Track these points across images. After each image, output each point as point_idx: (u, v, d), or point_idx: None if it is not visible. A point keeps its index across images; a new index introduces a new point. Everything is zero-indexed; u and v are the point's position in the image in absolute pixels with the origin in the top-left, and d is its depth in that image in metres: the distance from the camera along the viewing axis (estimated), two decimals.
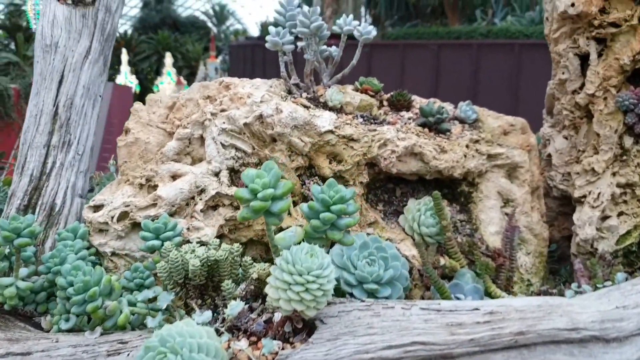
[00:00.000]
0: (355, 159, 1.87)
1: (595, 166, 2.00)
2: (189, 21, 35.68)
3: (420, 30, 18.01)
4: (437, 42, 16.29)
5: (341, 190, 1.33)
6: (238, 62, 23.31)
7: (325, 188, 1.34)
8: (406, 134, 1.94)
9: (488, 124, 2.11)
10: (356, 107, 2.02)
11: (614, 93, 1.98)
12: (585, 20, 1.98)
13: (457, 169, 1.96)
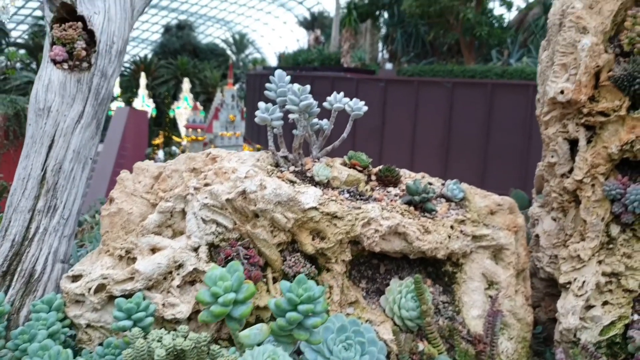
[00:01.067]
0: (339, 237, 1.87)
1: (581, 253, 1.98)
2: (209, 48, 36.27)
3: (435, 68, 18.14)
4: (451, 80, 16.38)
5: (310, 289, 1.32)
6: (254, 90, 23.58)
7: (294, 286, 1.34)
8: (391, 212, 1.93)
9: (475, 202, 2.10)
10: (343, 182, 2.02)
11: (601, 181, 1.97)
12: (575, 107, 1.98)
13: (440, 250, 1.95)
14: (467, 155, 15.44)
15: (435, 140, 16.07)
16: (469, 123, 15.38)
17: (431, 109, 16.25)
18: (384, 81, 17.47)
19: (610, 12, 2.00)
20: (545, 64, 2.13)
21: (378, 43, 22.60)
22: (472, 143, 15.19)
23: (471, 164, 15.20)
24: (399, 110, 16.84)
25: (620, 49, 2.00)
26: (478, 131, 14.94)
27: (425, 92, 16.48)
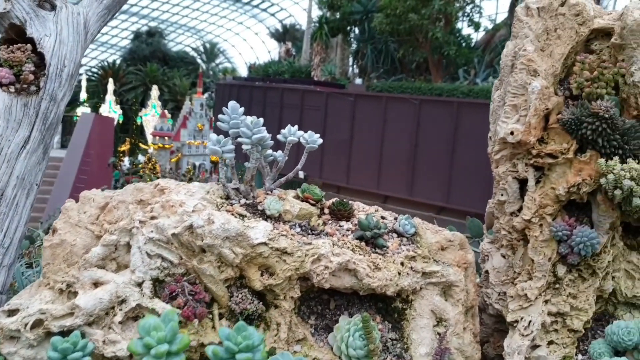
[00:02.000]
0: (288, 274, 1.85)
1: (528, 292, 2.01)
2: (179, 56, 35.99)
3: (404, 85, 18.34)
4: (419, 97, 16.57)
5: (250, 336, 1.30)
6: (224, 100, 23.48)
7: (232, 333, 1.32)
8: (342, 248, 1.93)
9: (426, 238, 2.11)
10: (295, 216, 2.01)
11: (549, 221, 2.00)
12: (524, 148, 2.01)
13: (390, 287, 1.95)
14: (433, 171, 15.61)
15: (402, 155, 16.21)
16: (435, 140, 15.57)
17: (399, 125, 16.41)
18: (353, 96, 17.59)
19: (561, 56, 2.04)
20: (497, 103, 2.16)
21: (348, 58, 22.78)
22: (438, 159, 15.37)
23: (437, 179, 15.36)
24: (368, 125, 16.97)
25: (569, 92, 2.04)
26: (444, 148, 15.13)
27: (394, 108, 16.63)
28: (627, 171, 1.85)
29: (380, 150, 16.96)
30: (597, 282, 2.01)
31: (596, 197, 1.98)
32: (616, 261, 2.06)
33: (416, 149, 16.22)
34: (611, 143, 1.92)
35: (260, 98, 20.05)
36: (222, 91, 24.24)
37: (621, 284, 2.05)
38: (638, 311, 2.06)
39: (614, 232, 2.03)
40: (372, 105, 17.34)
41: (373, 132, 16.95)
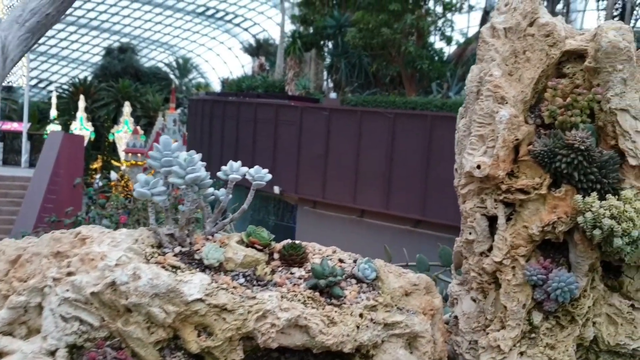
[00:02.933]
0: (228, 334, 1.62)
1: (502, 343, 1.80)
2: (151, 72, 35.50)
3: (378, 99, 18.27)
4: (393, 111, 16.50)
5: None
6: (197, 116, 23.17)
7: None
8: (291, 301, 1.70)
9: (388, 283, 1.90)
10: (239, 264, 1.78)
11: (522, 263, 1.81)
12: (493, 182, 1.82)
13: (347, 343, 1.73)
14: (408, 185, 15.50)
15: (378, 169, 16.09)
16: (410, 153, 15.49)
17: (374, 139, 16.30)
18: (328, 110, 17.45)
19: (531, 80, 1.86)
20: (462, 133, 1.97)
21: (322, 72, 22.68)
22: (414, 172, 15.27)
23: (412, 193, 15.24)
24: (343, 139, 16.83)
25: (541, 120, 1.86)
26: (419, 161, 15.05)
27: (368, 122, 16.53)
28: (607, 209, 1.66)
29: (356, 164, 16.82)
30: (576, 330, 1.81)
31: (573, 236, 1.79)
32: (597, 305, 1.87)
33: (391, 163, 16.12)
34: (588, 177, 1.73)
35: (234, 113, 19.81)
36: (195, 107, 23.94)
37: (603, 330, 1.86)
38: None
39: (594, 273, 1.84)
40: (347, 119, 17.22)
41: (348, 146, 16.82)
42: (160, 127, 28.69)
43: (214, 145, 20.60)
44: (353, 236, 16.05)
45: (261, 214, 19.73)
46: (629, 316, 1.86)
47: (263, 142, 18.37)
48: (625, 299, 1.87)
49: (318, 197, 17.51)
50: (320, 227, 17.04)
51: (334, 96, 19.58)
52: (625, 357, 1.86)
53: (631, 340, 1.84)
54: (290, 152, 17.33)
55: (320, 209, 17.43)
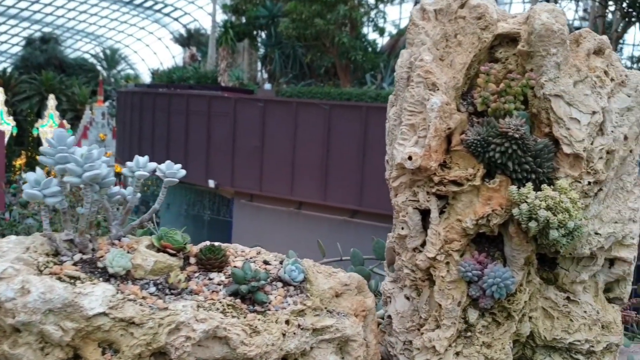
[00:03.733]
0: (136, 350, 1.44)
1: (437, 344, 1.70)
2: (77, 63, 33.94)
3: (313, 90, 18.17)
4: (329, 102, 16.46)
5: None
6: (126, 109, 22.33)
7: None
8: (209, 311, 1.54)
9: (317, 284, 1.76)
10: (149, 271, 1.60)
11: (456, 259, 1.71)
12: (425, 174, 1.71)
13: (272, 353, 1.58)
14: (345, 175, 15.52)
15: (315, 160, 16.03)
16: (346, 144, 15.51)
17: (310, 130, 16.22)
18: (262, 101, 17.19)
19: (463, 65, 1.76)
20: (392, 122, 1.85)
21: (256, 63, 22.35)
22: (350, 163, 15.31)
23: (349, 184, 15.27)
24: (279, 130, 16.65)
25: (474, 108, 1.76)
26: (355, 152, 15.08)
27: (304, 113, 16.43)
28: (543, 200, 1.58)
29: (292, 156, 16.69)
30: (513, 326, 1.74)
31: (508, 229, 1.71)
32: (533, 299, 1.80)
33: (328, 154, 16.09)
34: (523, 167, 1.65)
35: (165, 105, 19.21)
36: (124, 99, 23.09)
37: (539, 325, 1.80)
38: (558, 354, 1.81)
39: (530, 267, 1.77)
40: (282, 110, 17.05)
41: (284, 138, 16.66)
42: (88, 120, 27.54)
43: (144, 139, 19.95)
44: (291, 228, 15.95)
45: (196, 208, 19.29)
46: (565, 309, 1.80)
47: (196, 134, 17.92)
48: (561, 292, 1.82)
49: (255, 190, 17.29)
50: (257, 221, 16.84)
51: (268, 87, 19.33)
52: (562, 351, 1.81)
53: (567, 334, 1.78)
54: (225, 144, 16.99)
55: (258, 202, 17.20)
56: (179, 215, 19.73)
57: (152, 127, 19.57)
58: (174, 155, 18.59)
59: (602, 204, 1.76)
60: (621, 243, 1.80)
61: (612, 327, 1.80)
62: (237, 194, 17.44)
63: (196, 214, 19.30)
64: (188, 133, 18.18)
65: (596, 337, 1.78)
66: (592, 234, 1.75)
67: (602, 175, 1.71)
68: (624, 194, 1.79)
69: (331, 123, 15.86)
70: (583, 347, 1.78)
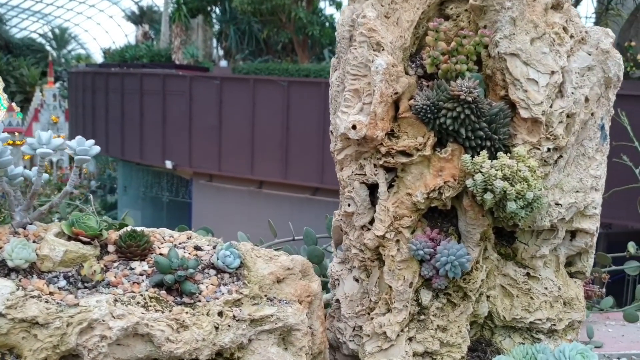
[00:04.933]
0: (41, 355, 1.25)
1: (387, 329, 1.56)
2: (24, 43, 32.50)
3: (271, 66, 17.86)
4: (287, 79, 16.21)
5: None
6: (77, 90, 21.55)
7: None
8: (128, 305, 1.35)
9: (256, 270, 1.59)
10: (59, 263, 1.39)
11: (407, 236, 1.56)
12: (371, 144, 1.54)
13: (203, 349, 1.40)
14: (306, 152, 15.37)
15: (275, 139, 15.81)
16: (306, 121, 15.32)
17: (269, 108, 15.96)
18: (219, 79, 16.78)
19: (410, 23, 1.59)
20: (336, 88, 1.68)
21: (211, 39, 21.78)
22: (311, 140, 15.15)
23: (311, 161, 15.13)
24: (236, 108, 16.32)
25: (423, 70, 1.60)
26: (315, 129, 14.90)
27: (262, 91, 16.14)
28: (499, 169, 1.44)
29: (251, 134, 16.41)
30: (469, 307, 1.60)
31: (462, 202, 1.56)
32: (490, 277, 1.67)
33: (288, 131, 15.88)
34: (476, 133, 1.50)
35: (118, 85, 18.59)
36: (75, 80, 22.27)
37: (498, 304, 1.67)
38: (518, 334, 1.69)
39: (486, 242, 1.63)
40: (240, 88, 16.70)
41: (243, 116, 16.35)
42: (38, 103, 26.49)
43: (97, 120, 19.33)
44: (252, 208, 15.74)
45: (154, 190, 18.85)
46: (525, 286, 1.67)
47: (151, 114, 17.43)
48: (521, 268, 1.69)
49: (214, 170, 16.98)
50: (217, 201, 16.57)
51: (224, 64, 18.89)
52: (522, 331, 1.69)
53: (528, 314, 1.66)
54: (182, 124, 16.57)
55: (217, 182, 16.90)
56: (136, 198, 19.27)
57: (105, 108, 18.94)
58: (129, 136, 18.08)
59: (562, 172, 1.63)
60: (583, 213, 1.67)
61: (575, 304, 1.69)
62: (196, 175, 17.09)
63: (154, 196, 18.88)
64: (143, 113, 17.66)
65: (558, 315, 1.67)
66: (552, 204, 1.62)
67: (563, 140, 1.58)
68: (586, 161, 1.67)
69: (290, 100, 15.62)
70: (544, 326, 1.66)
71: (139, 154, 17.86)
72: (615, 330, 2.58)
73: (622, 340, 2.45)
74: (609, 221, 10.31)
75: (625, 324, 2.55)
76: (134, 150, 18.12)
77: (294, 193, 15.21)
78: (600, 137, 1.67)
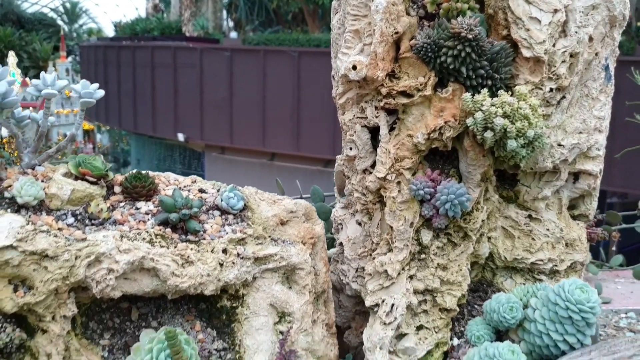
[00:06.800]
0: (52, 286, 1.29)
1: (389, 268, 1.58)
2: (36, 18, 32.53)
3: (281, 37, 17.74)
4: (297, 49, 16.09)
5: None
6: (89, 63, 21.58)
7: None
8: (134, 241, 1.38)
9: (260, 212, 1.62)
10: (67, 201, 1.43)
11: (408, 177, 1.58)
12: (372, 86, 1.55)
13: (209, 285, 1.44)
14: (318, 124, 15.33)
15: (286, 110, 15.77)
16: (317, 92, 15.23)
17: (279, 79, 15.89)
18: (229, 50, 16.71)
19: None
20: (337, 31, 1.68)
21: (221, 11, 21.64)
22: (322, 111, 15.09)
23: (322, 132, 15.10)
24: (247, 80, 16.28)
25: (424, 10, 1.59)
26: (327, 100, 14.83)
27: (272, 62, 16.04)
28: (499, 106, 1.44)
29: (262, 106, 16.38)
30: (470, 247, 1.62)
31: (463, 143, 1.57)
32: (491, 218, 1.69)
33: (299, 103, 15.82)
34: (477, 72, 1.50)
35: (129, 59, 18.59)
36: (87, 54, 22.31)
37: (499, 245, 1.69)
38: (520, 275, 1.71)
39: (487, 183, 1.64)
40: (250, 59, 16.62)
41: (254, 88, 16.30)
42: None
43: (110, 94, 19.38)
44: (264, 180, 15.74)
45: (167, 163, 18.98)
46: (526, 228, 1.69)
47: (163, 87, 17.44)
48: (522, 210, 1.70)
49: (226, 142, 17.03)
50: (229, 173, 16.64)
51: (234, 36, 18.82)
52: (524, 272, 1.71)
53: (529, 254, 1.68)
54: (193, 96, 16.57)
55: (229, 155, 16.95)
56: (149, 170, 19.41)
57: (117, 82, 18.98)
58: (141, 109, 18.14)
59: (565, 113, 1.63)
60: (586, 155, 1.67)
61: (577, 245, 1.70)
62: (208, 147, 17.15)
63: (167, 168, 19.00)
64: (155, 86, 17.68)
65: (560, 256, 1.68)
66: (554, 145, 1.62)
67: (566, 80, 1.57)
68: (589, 102, 1.66)
69: (301, 71, 15.53)
70: (546, 266, 1.68)
71: (152, 127, 17.93)
72: (624, 287, 2.60)
73: (630, 296, 2.47)
74: (625, 191, 10.25)
75: (634, 281, 2.56)
76: (146, 124, 18.20)
77: (306, 165, 15.21)
78: (604, 77, 1.66)
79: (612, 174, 8.98)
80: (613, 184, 9.38)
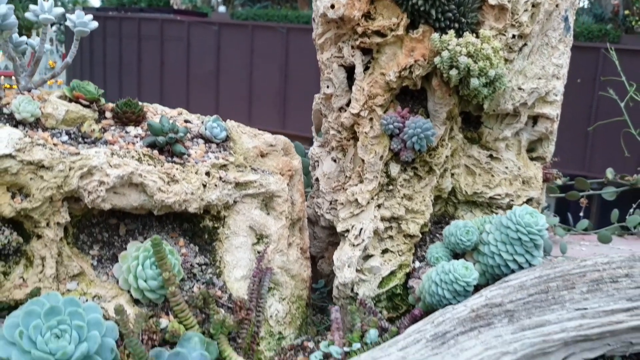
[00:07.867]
0: (47, 193, 1.40)
1: (359, 197, 1.72)
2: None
3: (270, 12, 17.66)
4: (286, 25, 16.05)
5: None
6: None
7: None
8: (123, 158, 1.50)
9: (241, 143, 1.74)
10: (61, 121, 1.54)
11: (380, 114, 1.71)
12: (349, 25, 1.67)
13: (192, 202, 1.56)
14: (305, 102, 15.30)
15: (273, 87, 15.78)
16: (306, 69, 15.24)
17: (267, 55, 15.86)
18: (217, 24, 16.64)
19: None
20: None
21: None
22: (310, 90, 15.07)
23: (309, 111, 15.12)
24: (235, 55, 16.23)
25: None
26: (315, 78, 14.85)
27: (261, 38, 16.00)
28: (464, 46, 1.57)
29: (249, 82, 16.36)
30: (434, 180, 1.76)
31: (431, 82, 1.70)
32: (455, 156, 1.83)
33: (286, 79, 15.82)
34: (446, 15, 1.63)
35: (115, 30, 18.41)
36: None
37: (461, 181, 1.83)
38: (479, 209, 1.86)
39: (452, 122, 1.78)
40: (238, 34, 16.54)
41: (241, 63, 16.25)
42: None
43: (95, 65, 19.21)
44: None
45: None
46: (487, 166, 1.83)
47: (149, 60, 17.33)
48: (484, 150, 1.85)
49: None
50: None
51: (223, 10, 18.69)
52: (483, 206, 1.86)
53: (488, 189, 1.82)
54: (179, 70, 16.50)
55: None
56: None
57: (103, 53, 18.81)
58: (126, 81, 18.02)
59: (526, 60, 1.77)
60: (544, 99, 1.82)
61: (533, 182, 1.85)
62: None
63: None
64: (141, 59, 17.57)
65: (516, 192, 1.83)
66: (515, 89, 1.76)
67: (527, 28, 1.70)
68: (549, 50, 1.80)
69: (289, 47, 15.52)
70: (503, 201, 1.83)
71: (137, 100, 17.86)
72: (588, 249, 2.75)
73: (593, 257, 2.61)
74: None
75: (598, 244, 2.72)
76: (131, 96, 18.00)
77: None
78: (563, 28, 1.80)
79: (593, 159, 9.21)
80: (594, 170, 9.58)
